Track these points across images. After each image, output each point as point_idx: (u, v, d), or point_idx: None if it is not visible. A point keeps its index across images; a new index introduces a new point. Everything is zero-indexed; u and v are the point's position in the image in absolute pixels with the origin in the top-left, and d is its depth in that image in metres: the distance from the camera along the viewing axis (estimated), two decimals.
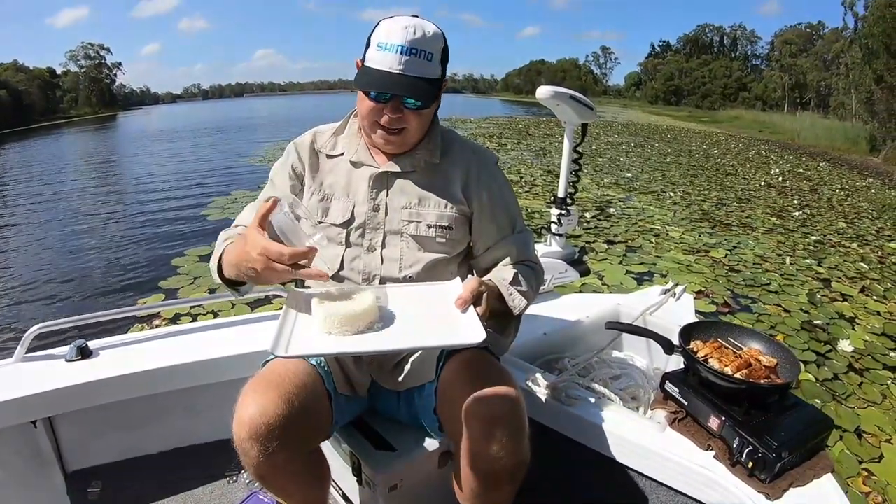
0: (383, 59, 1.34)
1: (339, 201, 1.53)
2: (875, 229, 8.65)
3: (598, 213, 8.54)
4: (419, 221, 1.51)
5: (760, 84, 70.52)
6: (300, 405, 1.25)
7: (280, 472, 1.28)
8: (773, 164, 16.85)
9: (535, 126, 27.32)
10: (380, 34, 1.36)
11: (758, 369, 1.52)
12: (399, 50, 1.33)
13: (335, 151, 1.57)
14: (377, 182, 1.52)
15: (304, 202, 1.54)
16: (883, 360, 4.19)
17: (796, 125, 31.59)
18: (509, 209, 1.63)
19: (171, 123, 41.40)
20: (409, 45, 1.33)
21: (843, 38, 39.89)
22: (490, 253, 1.60)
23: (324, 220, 1.51)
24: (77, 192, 12.22)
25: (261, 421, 1.19)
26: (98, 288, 5.90)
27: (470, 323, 1.25)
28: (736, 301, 5.29)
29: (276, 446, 1.21)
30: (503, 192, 1.63)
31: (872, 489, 2.78)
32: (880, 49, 22.33)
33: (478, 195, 1.56)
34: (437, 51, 1.39)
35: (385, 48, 1.34)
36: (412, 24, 1.34)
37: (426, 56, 1.36)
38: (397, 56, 1.33)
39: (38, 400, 1.74)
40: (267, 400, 1.22)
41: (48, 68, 73.36)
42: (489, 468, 1.30)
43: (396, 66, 1.34)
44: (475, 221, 1.58)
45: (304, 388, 1.31)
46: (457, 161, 1.57)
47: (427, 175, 1.54)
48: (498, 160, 1.66)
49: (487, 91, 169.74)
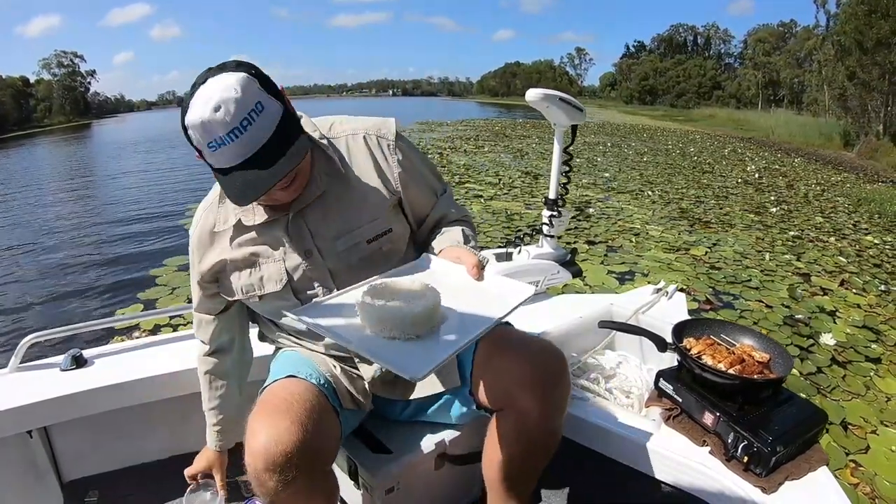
0: (223, 158, 1.16)
1: (268, 266, 1.40)
2: (852, 223, 8.75)
3: (577, 213, 8.55)
4: (357, 242, 1.39)
5: (734, 82, 71.36)
6: (313, 427, 1.19)
7: (295, 497, 1.21)
8: (749, 161, 16.99)
9: (511, 128, 27.44)
10: (200, 135, 1.14)
11: (751, 365, 1.53)
12: (230, 139, 1.13)
13: (230, 224, 1.41)
14: (294, 230, 1.38)
15: (235, 285, 1.44)
16: (865, 353, 4.24)
17: (771, 122, 31.92)
18: (425, 173, 1.54)
19: (146, 131, 40.96)
20: (235, 124, 1.12)
21: (815, 35, 40.53)
22: (426, 223, 1.55)
23: (264, 293, 1.42)
24: (52, 203, 12.05)
25: (277, 450, 1.12)
26: (75, 302, 5.81)
27: (503, 283, 1.26)
28: (718, 298, 5.33)
29: (294, 473, 1.14)
30: (415, 158, 1.51)
31: (860, 480, 2.81)
32: (852, 46, 22.71)
33: (396, 175, 1.44)
34: (258, 100, 1.16)
35: (217, 146, 1.14)
36: (218, 102, 1.11)
37: (252, 120, 1.14)
38: (232, 147, 1.14)
39: (34, 410, 1.72)
40: (280, 428, 1.15)
41: (21, 77, 72.42)
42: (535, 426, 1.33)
43: (242, 155, 1.15)
44: (406, 201, 1.47)
45: (314, 408, 1.24)
46: (356, 152, 1.44)
47: (336, 188, 1.40)
48: (394, 121, 1.51)
49: (463, 94, 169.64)
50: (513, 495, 1.48)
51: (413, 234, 1.55)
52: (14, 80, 68.38)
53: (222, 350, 1.63)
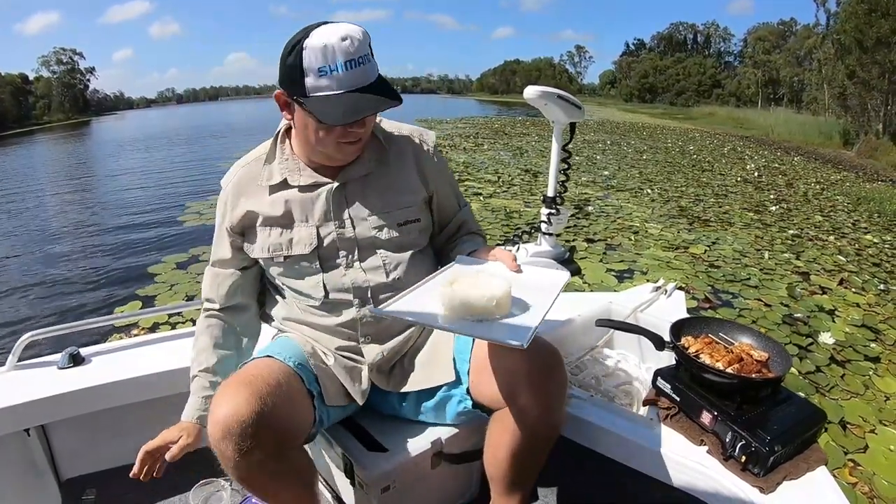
0: (334, 82, 1.27)
1: (300, 229, 1.48)
2: (851, 222, 8.76)
3: (576, 211, 8.56)
4: (388, 223, 1.50)
5: (734, 81, 71.44)
6: (273, 403, 1.21)
7: (259, 472, 1.24)
8: (749, 159, 17.00)
9: (511, 126, 27.41)
10: (316, 59, 1.26)
11: (749, 364, 1.52)
12: (347, 66, 1.26)
13: (274, 181, 1.49)
14: (336, 198, 1.48)
15: (263, 242, 1.51)
16: (864, 352, 4.24)
17: (770, 121, 31.93)
18: (453, 183, 1.70)
19: (146, 128, 40.99)
20: (354, 55, 1.26)
21: (815, 34, 40.57)
22: (447, 229, 1.69)
23: (290, 254, 1.48)
24: (50, 202, 12.05)
25: (234, 419, 1.15)
26: (74, 300, 5.81)
27: (541, 272, 1.42)
28: (717, 296, 5.33)
29: (250, 444, 1.16)
30: (446, 168, 1.68)
31: (859, 479, 2.82)
32: (852, 44, 22.71)
33: (431, 175, 1.59)
34: (370, 46, 1.32)
35: (331, 71, 1.26)
36: (345, 34, 1.25)
37: (368, 58, 1.30)
38: (348, 73, 1.27)
39: (32, 408, 1.72)
40: (240, 398, 1.18)
41: (20, 74, 72.50)
42: (536, 422, 1.35)
43: (353, 82, 1.28)
44: (434, 202, 1.61)
45: (279, 386, 1.27)
46: (402, 148, 1.57)
47: (380, 174, 1.53)
48: (434, 135, 1.68)
49: (463, 91, 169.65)
50: (515, 490, 1.49)
51: (433, 235, 1.67)
52: (13, 77, 68.53)
53: (234, 309, 1.61)
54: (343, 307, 1.50)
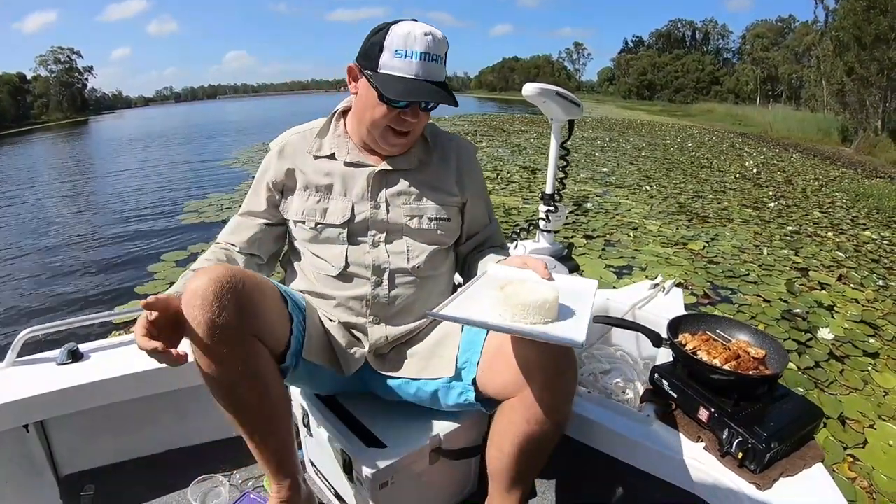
0: (405, 66, 1.38)
1: (336, 201, 1.55)
2: (850, 218, 8.75)
3: (575, 208, 8.55)
4: (420, 216, 1.57)
5: (732, 77, 71.41)
6: (249, 287, 1.23)
7: (229, 362, 1.23)
8: (747, 156, 16.99)
9: (509, 123, 27.38)
10: (397, 41, 1.37)
11: (746, 361, 1.52)
12: (422, 57, 1.37)
13: (322, 153, 1.58)
14: (376, 181, 1.55)
15: (299, 205, 1.57)
16: (863, 347, 4.24)
17: (769, 117, 31.94)
18: (486, 198, 1.77)
19: (144, 128, 40.93)
20: (430, 51, 1.38)
21: (813, 31, 40.41)
22: (474, 239, 1.75)
23: (322, 221, 1.54)
24: (49, 200, 12.02)
25: (210, 288, 1.16)
26: (73, 297, 5.80)
27: (572, 279, 1.49)
28: (716, 292, 5.33)
29: (225, 317, 1.17)
30: (482, 182, 1.76)
31: (858, 474, 2.82)
32: (851, 41, 22.67)
33: (469, 185, 1.66)
34: (445, 54, 1.44)
35: (406, 55, 1.37)
36: (429, 31, 1.38)
37: (441, 61, 1.42)
38: (420, 63, 1.37)
39: (30, 404, 1.72)
40: (218, 272, 1.19)
41: (18, 73, 72.33)
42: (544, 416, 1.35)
43: (421, 72, 1.38)
44: (467, 210, 1.68)
45: (255, 278, 1.28)
46: (447, 154, 1.66)
47: (422, 171, 1.61)
48: (477, 149, 1.77)
49: (461, 89, 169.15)
50: (516, 486, 1.49)
51: (458, 242, 1.73)
52: (11, 76, 68.43)
53: (250, 255, 1.61)
54: (358, 281, 1.53)
